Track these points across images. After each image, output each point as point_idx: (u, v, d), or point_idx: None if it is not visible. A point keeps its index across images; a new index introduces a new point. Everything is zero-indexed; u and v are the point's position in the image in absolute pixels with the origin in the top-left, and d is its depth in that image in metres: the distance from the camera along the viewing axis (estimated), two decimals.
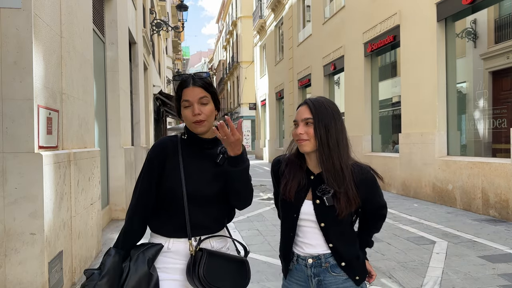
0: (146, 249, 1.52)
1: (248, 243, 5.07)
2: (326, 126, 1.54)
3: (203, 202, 1.56)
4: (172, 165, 1.56)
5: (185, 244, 1.54)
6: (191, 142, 1.62)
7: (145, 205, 1.57)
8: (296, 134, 1.57)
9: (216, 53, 55.00)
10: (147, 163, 1.60)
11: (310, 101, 1.59)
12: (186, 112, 1.57)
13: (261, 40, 25.32)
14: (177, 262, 1.55)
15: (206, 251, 1.50)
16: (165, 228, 1.58)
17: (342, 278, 1.58)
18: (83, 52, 4.15)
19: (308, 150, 1.56)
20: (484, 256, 4.31)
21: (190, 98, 1.56)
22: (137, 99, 9.58)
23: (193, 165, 1.58)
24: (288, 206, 1.62)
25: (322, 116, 1.54)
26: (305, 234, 1.61)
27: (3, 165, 2.78)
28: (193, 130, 1.59)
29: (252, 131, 32.69)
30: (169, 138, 1.65)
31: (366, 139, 10.67)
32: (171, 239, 1.56)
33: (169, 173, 1.56)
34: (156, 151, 1.60)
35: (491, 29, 7.64)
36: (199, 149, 1.62)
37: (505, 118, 6.95)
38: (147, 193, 1.57)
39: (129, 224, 1.57)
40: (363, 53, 10.77)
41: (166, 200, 1.57)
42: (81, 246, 3.78)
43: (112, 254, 1.48)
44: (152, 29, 14.22)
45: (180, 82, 1.60)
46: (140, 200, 1.57)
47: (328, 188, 1.54)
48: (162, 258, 1.56)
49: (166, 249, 1.56)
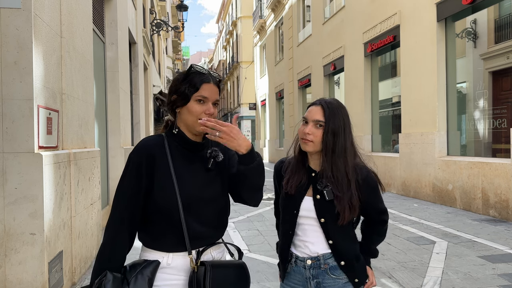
0: (143, 268, 1.39)
1: (248, 243, 5.07)
2: (335, 133, 1.54)
3: (199, 210, 1.45)
4: (161, 171, 1.42)
5: (185, 258, 1.44)
6: (180, 143, 1.48)
7: (133, 216, 1.42)
8: (304, 132, 1.56)
9: (216, 53, 55.01)
10: (133, 169, 1.41)
11: (325, 103, 1.58)
12: (198, 107, 1.43)
13: (261, 40, 25.32)
14: (177, 278, 1.44)
15: (208, 264, 1.41)
16: (161, 242, 1.44)
17: (341, 281, 1.57)
18: (83, 52, 4.15)
19: (310, 150, 1.58)
20: (484, 256, 4.31)
21: (208, 96, 1.45)
22: (137, 99, 9.58)
23: (184, 170, 1.45)
24: (288, 203, 1.63)
25: (333, 121, 1.55)
26: (304, 232, 1.61)
27: (3, 165, 2.78)
28: (196, 128, 1.45)
29: (252, 131, 32.68)
30: (154, 139, 1.49)
31: (366, 139, 10.67)
32: (170, 254, 1.44)
33: (159, 180, 1.42)
34: (142, 154, 1.42)
35: (491, 29, 7.64)
36: (187, 151, 1.49)
37: (505, 118, 6.95)
38: (136, 202, 1.42)
39: (117, 239, 1.40)
40: (363, 53, 10.77)
41: (159, 210, 1.42)
42: (81, 246, 3.78)
43: (111, 280, 1.34)
44: (152, 29, 14.22)
45: (201, 74, 1.46)
46: (129, 209, 1.41)
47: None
48: (161, 275, 1.42)
49: (165, 264, 1.43)
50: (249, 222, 6.33)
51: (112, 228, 1.42)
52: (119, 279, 1.36)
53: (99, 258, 1.41)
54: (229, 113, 39.66)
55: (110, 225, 1.42)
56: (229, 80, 40.24)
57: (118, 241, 1.41)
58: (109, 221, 1.43)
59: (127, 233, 1.41)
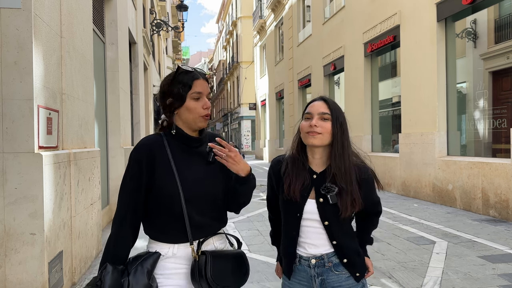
0: (143, 260, 1.46)
1: (248, 243, 5.07)
2: (342, 125, 1.57)
3: (200, 202, 1.51)
4: (162, 166, 1.48)
5: (187, 248, 1.51)
6: (179, 140, 1.54)
7: (136, 211, 1.49)
8: (310, 125, 1.55)
9: (216, 53, 55.02)
10: (135, 166, 1.48)
11: (327, 98, 1.61)
12: (195, 104, 1.49)
13: (261, 40, 25.32)
14: (180, 267, 1.51)
15: (209, 253, 1.48)
16: (166, 234, 1.51)
17: (344, 276, 1.60)
18: (83, 52, 4.15)
19: (317, 144, 1.55)
20: (484, 256, 4.31)
21: (202, 90, 1.51)
22: (137, 99, 9.58)
23: (184, 165, 1.51)
24: (291, 206, 1.61)
25: (338, 114, 1.57)
26: (307, 234, 1.61)
27: (3, 165, 2.78)
28: (197, 124, 1.52)
29: (252, 131, 32.69)
30: (153, 137, 1.55)
31: (366, 139, 10.67)
32: (175, 245, 1.51)
33: (160, 175, 1.48)
34: (142, 152, 1.49)
35: (491, 29, 7.64)
36: (187, 147, 1.54)
37: (505, 118, 6.95)
38: (138, 198, 1.48)
39: (121, 233, 1.48)
40: (363, 53, 10.77)
41: (162, 204, 1.49)
42: (81, 246, 3.78)
43: (110, 271, 1.40)
44: (152, 29, 14.22)
45: (189, 72, 1.51)
46: (131, 205, 1.48)
47: (333, 186, 1.55)
48: (166, 264, 1.50)
49: (171, 254, 1.50)
50: (249, 222, 6.33)
51: (117, 223, 1.49)
52: (119, 270, 1.43)
53: (105, 252, 1.49)
54: (229, 113, 39.66)
55: (115, 220, 1.49)
56: (229, 80, 40.24)
57: (121, 236, 1.48)
58: (114, 216, 1.51)
59: (130, 228, 1.49)
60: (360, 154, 1.67)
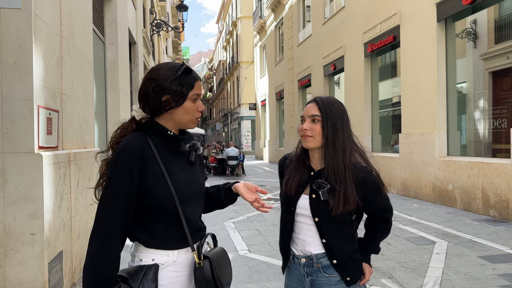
0: (145, 273, 1.35)
1: (248, 243, 5.07)
2: (333, 125, 1.56)
3: (191, 203, 1.46)
4: (153, 172, 1.38)
5: (188, 253, 1.45)
6: (165, 139, 1.45)
7: (127, 221, 1.36)
8: (301, 129, 1.59)
9: (216, 53, 55.00)
10: (125, 173, 1.33)
11: (319, 99, 1.61)
12: (193, 105, 1.43)
13: (261, 40, 25.33)
14: (179, 274, 1.44)
15: (212, 257, 1.44)
16: (165, 241, 1.42)
17: (334, 279, 1.59)
18: (83, 52, 4.15)
19: (311, 146, 1.58)
20: (484, 256, 4.31)
21: (200, 93, 1.46)
22: (137, 99, 9.57)
23: (173, 167, 1.43)
24: (287, 200, 1.66)
25: (330, 114, 1.57)
26: (300, 229, 1.64)
27: (3, 165, 2.78)
28: (190, 125, 1.47)
29: (252, 131, 32.68)
30: (140, 138, 1.41)
31: (366, 139, 10.67)
32: (175, 251, 1.43)
33: (153, 181, 1.37)
34: (133, 159, 1.34)
35: (491, 29, 7.64)
36: (171, 147, 1.46)
37: (505, 118, 6.95)
38: (129, 206, 1.35)
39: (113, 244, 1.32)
40: (363, 53, 10.77)
41: (157, 211, 1.39)
42: (81, 246, 3.78)
43: None
44: (152, 29, 14.22)
45: (191, 71, 1.43)
46: (124, 215, 1.34)
47: (325, 183, 1.55)
48: (166, 273, 1.40)
49: (170, 262, 1.41)
50: (249, 222, 6.33)
51: (106, 234, 1.31)
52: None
53: (93, 268, 1.33)
54: (229, 113, 39.66)
55: (100, 237, 1.32)
56: (229, 80, 40.24)
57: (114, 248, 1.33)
58: (96, 233, 1.33)
59: (121, 238, 1.36)
60: (366, 153, 1.66)
